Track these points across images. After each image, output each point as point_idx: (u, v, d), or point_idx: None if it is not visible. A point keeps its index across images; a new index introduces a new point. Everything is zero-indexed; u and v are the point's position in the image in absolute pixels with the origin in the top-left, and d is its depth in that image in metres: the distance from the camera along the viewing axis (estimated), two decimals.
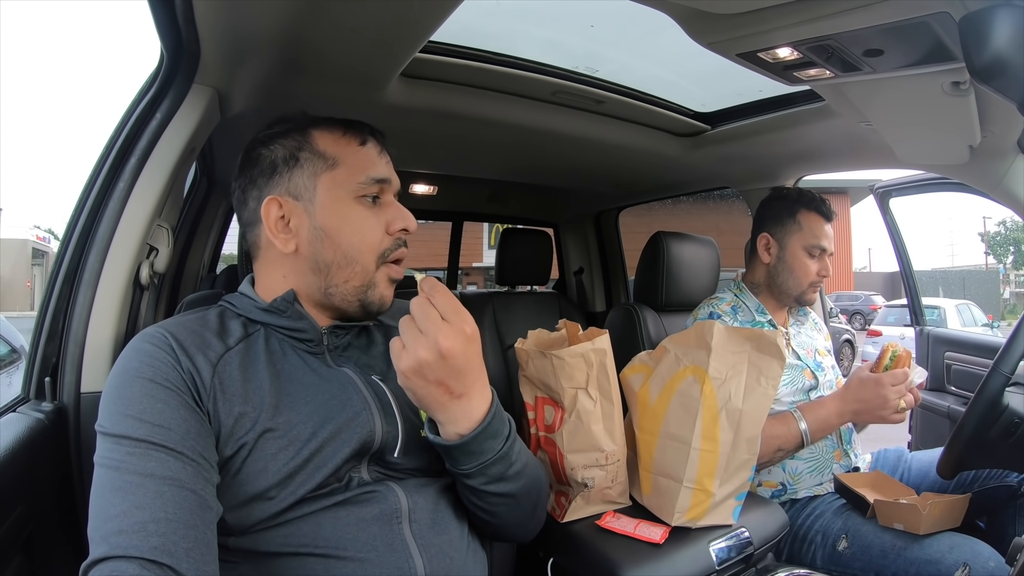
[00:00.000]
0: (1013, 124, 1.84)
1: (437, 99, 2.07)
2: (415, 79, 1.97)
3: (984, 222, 48.29)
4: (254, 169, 1.29)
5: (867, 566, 1.93)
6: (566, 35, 2.02)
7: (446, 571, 1.19)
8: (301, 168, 1.27)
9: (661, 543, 1.65)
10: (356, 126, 1.33)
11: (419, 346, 1.09)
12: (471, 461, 1.20)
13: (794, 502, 2.21)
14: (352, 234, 1.27)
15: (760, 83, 1.73)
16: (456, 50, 1.94)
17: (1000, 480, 2.15)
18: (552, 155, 2.85)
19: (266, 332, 1.27)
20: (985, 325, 16.22)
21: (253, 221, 1.30)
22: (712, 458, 1.72)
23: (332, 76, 1.75)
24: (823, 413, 2.07)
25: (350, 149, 1.30)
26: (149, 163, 1.48)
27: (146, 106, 1.50)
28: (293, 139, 1.29)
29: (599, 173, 3.30)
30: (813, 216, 2.36)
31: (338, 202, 1.27)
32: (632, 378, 1.95)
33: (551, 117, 2.35)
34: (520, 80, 2.09)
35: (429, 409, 1.17)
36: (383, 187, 1.32)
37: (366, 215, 1.29)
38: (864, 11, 1.26)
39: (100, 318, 1.42)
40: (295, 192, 1.26)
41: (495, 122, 2.28)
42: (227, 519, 1.07)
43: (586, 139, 2.58)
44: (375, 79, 1.81)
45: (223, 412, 1.12)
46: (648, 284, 2.76)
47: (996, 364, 1.71)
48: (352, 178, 1.28)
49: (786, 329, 2.41)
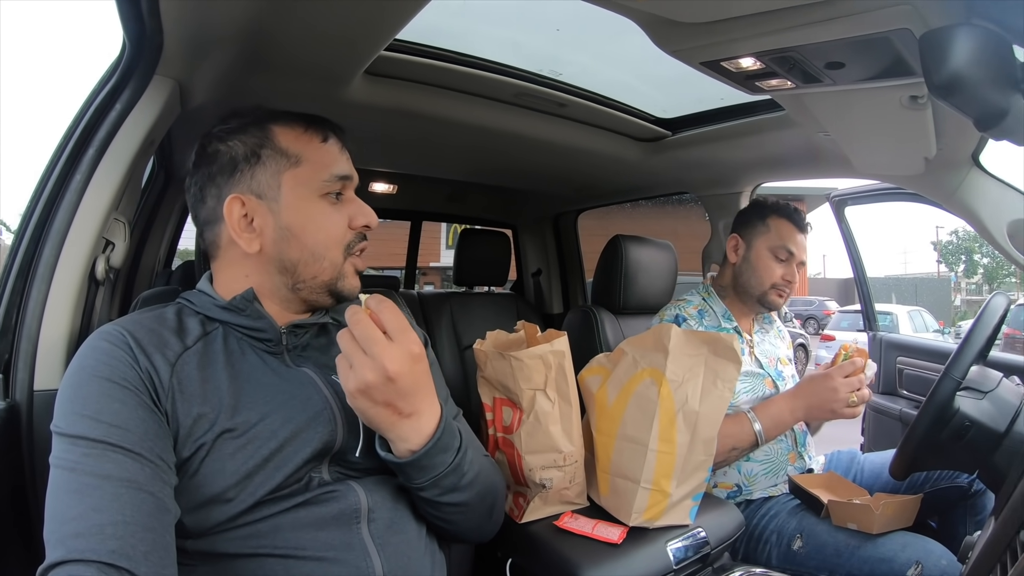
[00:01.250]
0: (968, 137, 1.88)
1: (400, 98, 2.05)
2: (379, 77, 1.96)
3: (937, 231, 49.25)
4: (212, 166, 1.26)
5: (821, 565, 1.96)
6: (531, 38, 2.02)
7: (404, 570, 1.19)
8: (264, 166, 1.24)
9: (619, 543, 1.66)
10: (317, 122, 1.31)
11: (365, 369, 1.08)
12: (424, 476, 1.20)
13: (749, 503, 2.23)
14: (317, 231, 1.26)
15: (721, 91, 1.75)
16: (421, 49, 1.93)
17: (951, 481, 2.21)
18: (513, 157, 2.85)
19: (225, 331, 1.24)
20: (936, 331, 16.49)
21: (212, 219, 1.27)
22: (669, 459, 1.74)
23: (295, 72, 1.72)
24: (776, 411, 2.10)
25: (312, 146, 1.28)
26: (107, 155, 1.45)
27: (106, 96, 1.47)
28: (253, 135, 1.26)
29: (559, 176, 3.31)
30: (783, 222, 2.39)
31: (303, 200, 1.25)
32: (590, 380, 1.96)
33: (513, 119, 2.35)
34: (483, 81, 2.09)
35: (379, 429, 1.16)
36: (345, 184, 1.31)
37: (330, 212, 1.27)
38: (827, 25, 1.28)
39: (54, 314, 1.39)
40: (258, 191, 1.24)
41: (457, 122, 2.28)
42: (184, 521, 1.05)
43: (547, 142, 2.58)
44: (339, 76, 1.79)
45: (181, 413, 1.10)
46: (606, 287, 2.77)
47: (947, 369, 1.75)
48: (316, 176, 1.26)
49: (750, 336, 2.44)
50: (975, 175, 2.07)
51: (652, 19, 1.43)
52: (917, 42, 1.13)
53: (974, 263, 48.28)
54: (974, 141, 1.92)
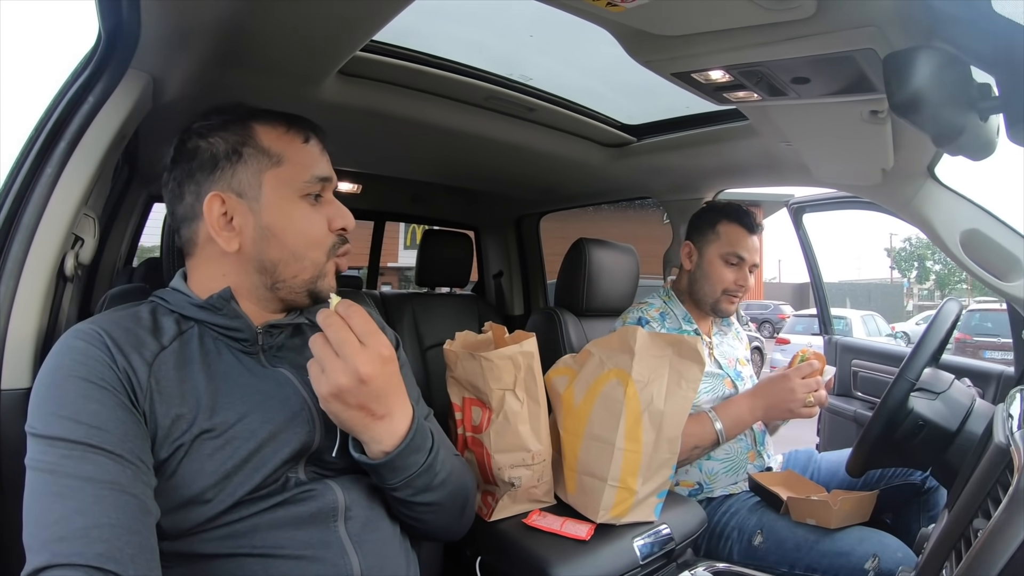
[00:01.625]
0: (924, 151, 1.94)
1: (371, 98, 2.05)
2: (351, 77, 1.95)
3: (890, 238, 49.96)
4: (191, 162, 1.23)
5: (782, 559, 2.01)
6: (503, 43, 2.04)
7: (380, 568, 1.20)
8: (245, 164, 1.22)
9: (587, 540, 1.70)
10: (299, 122, 1.30)
11: (338, 372, 1.09)
12: (397, 476, 1.21)
13: (711, 500, 2.27)
14: (298, 232, 1.25)
15: (687, 99, 1.77)
16: (393, 50, 1.93)
17: (905, 478, 2.28)
18: (480, 159, 2.86)
19: (200, 330, 1.22)
20: (889, 335, 16.76)
21: (190, 217, 1.25)
22: (635, 457, 1.77)
23: (270, 69, 1.70)
24: (736, 411, 2.15)
25: (294, 146, 1.27)
26: (79, 149, 1.41)
27: (79, 89, 1.44)
28: (234, 132, 1.24)
29: (524, 179, 3.31)
30: (733, 227, 2.42)
31: (284, 201, 1.24)
32: (557, 380, 1.99)
33: (482, 122, 2.35)
34: (454, 84, 2.09)
35: (352, 431, 1.17)
36: (325, 185, 1.30)
37: (310, 213, 1.27)
38: (796, 42, 1.31)
39: (22, 311, 1.35)
40: (239, 189, 1.22)
41: (426, 124, 2.27)
42: (161, 523, 1.03)
43: (515, 145, 2.59)
44: (312, 75, 1.78)
45: (160, 413, 1.08)
46: (569, 289, 2.79)
47: (902, 371, 1.80)
48: (298, 177, 1.25)
49: (710, 338, 2.48)
50: (930, 186, 2.13)
51: (626, 30, 1.45)
52: (881, 61, 1.17)
53: (926, 269, 49.08)
54: (930, 154, 1.97)
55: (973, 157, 1.23)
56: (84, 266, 1.58)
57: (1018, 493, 0.91)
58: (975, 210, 2.08)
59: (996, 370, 2.60)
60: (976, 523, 1.07)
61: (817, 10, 1.19)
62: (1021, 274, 2.01)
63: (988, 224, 2.06)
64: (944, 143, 1.15)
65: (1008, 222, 2.05)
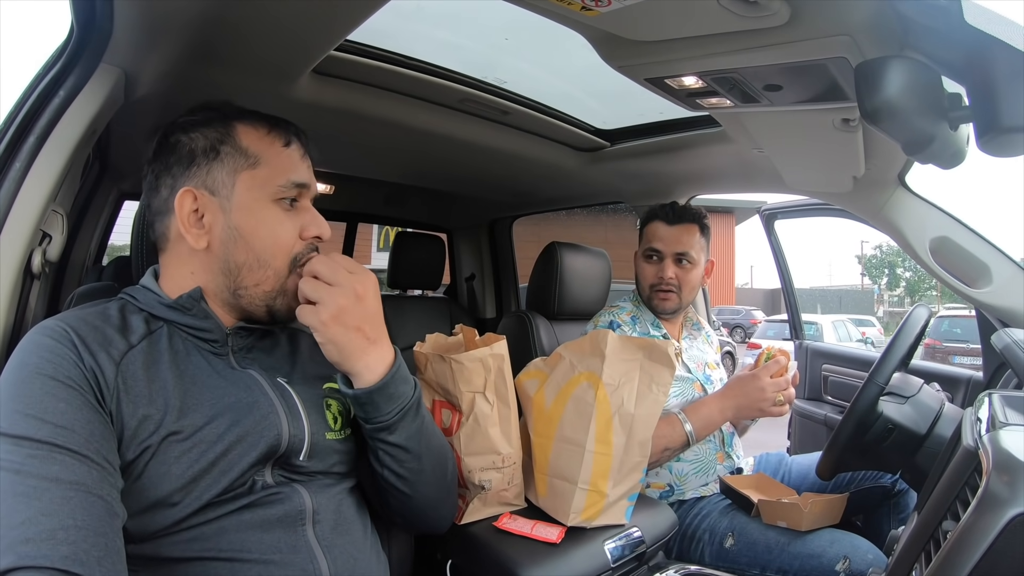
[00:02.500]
0: (895, 159, 1.96)
1: (346, 98, 2.04)
2: (326, 76, 1.94)
3: (862, 245, 50.67)
4: (171, 156, 1.23)
5: (753, 561, 2.02)
6: (478, 45, 2.04)
7: (350, 571, 1.20)
8: (221, 162, 1.22)
9: (558, 543, 1.69)
10: (282, 125, 1.30)
11: (336, 295, 1.17)
12: (392, 405, 1.24)
13: (682, 503, 2.28)
14: (266, 236, 1.24)
15: (661, 105, 1.78)
16: (369, 50, 1.92)
17: (875, 481, 2.30)
18: (454, 162, 2.86)
19: (169, 330, 1.21)
20: (859, 340, 16.92)
21: (164, 211, 1.24)
22: (606, 460, 1.77)
23: (244, 66, 1.69)
24: (706, 412, 2.15)
25: (274, 149, 1.26)
26: (48, 144, 1.39)
27: (49, 82, 1.42)
28: (215, 130, 1.24)
29: (498, 182, 3.32)
30: (653, 223, 2.46)
31: (255, 202, 1.23)
32: (527, 383, 1.98)
33: (457, 124, 2.36)
34: (429, 85, 2.09)
35: (350, 358, 1.21)
36: (302, 191, 1.29)
37: (282, 218, 1.26)
38: (769, 50, 1.32)
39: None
40: (212, 187, 1.21)
41: (401, 125, 2.27)
42: (128, 526, 1.01)
43: (489, 148, 2.59)
44: (287, 73, 1.77)
45: (127, 414, 1.06)
46: (541, 293, 2.79)
47: (871, 375, 1.82)
48: (273, 180, 1.24)
49: (679, 343, 2.49)
50: (901, 194, 2.15)
51: (601, 35, 1.45)
52: (853, 70, 1.19)
53: (897, 276, 49.78)
54: (901, 162, 2.00)
55: (943, 165, 1.25)
56: (52, 263, 1.55)
57: (986, 495, 0.92)
58: (945, 218, 2.12)
59: (965, 375, 2.63)
60: (945, 525, 1.08)
61: (791, 18, 1.20)
62: (990, 281, 2.04)
63: (957, 232, 2.09)
64: (915, 151, 1.16)
65: (977, 230, 2.08)
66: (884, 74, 1.04)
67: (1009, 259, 2.05)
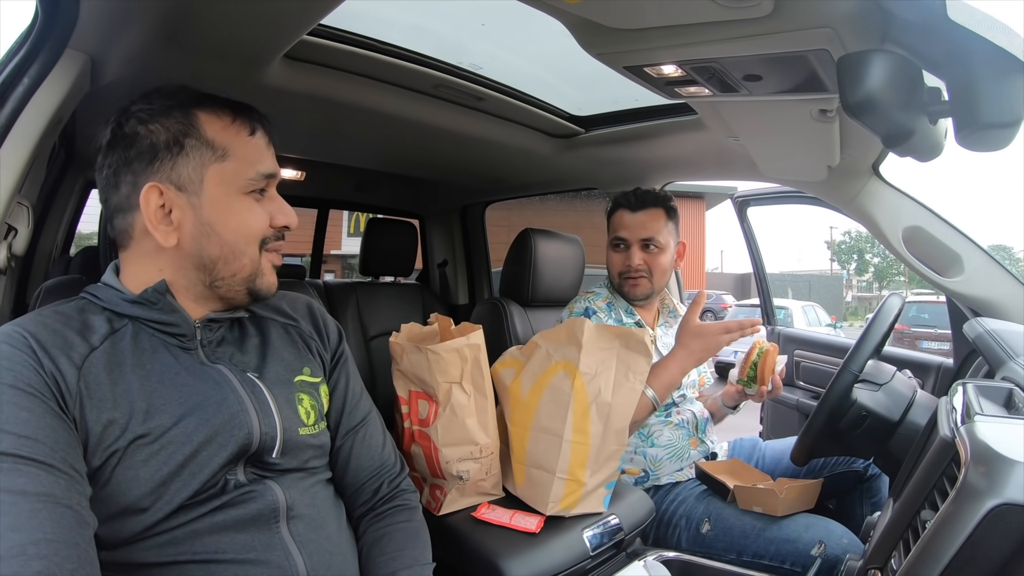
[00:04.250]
0: (869, 149, 1.98)
1: (318, 84, 2.01)
2: (297, 61, 1.90)
3: (831, 231, 51.28)
4: (129, 150, 1.16)
5: (729, 546, 2.04)
6: (454, 30, 2.02)
7: (327, 567, 1.19)
8: (187, 156, 1.16)
9: (537, 532, 1.70)
10: (245, 112, 1.24)
11: None
12: None
13: (657, 488, 2.30)
14: (239, 228, 1.21)
15: (636, 92, 1.77)
16: (341, 35, 1.89)
17: (848, 466, 2.35)
18: (427, 147, 2.84)
19: (134, 327, 1.17)
20: (829, 325, 17.10)
21: (125, 207, 1.18)
22: (583, 449, 1.78)
23: (213, 51, 1.65)
24: (666, 376, 2.08)
25: (240, 139, 1.21)
26: (12, 133, 1.34)
27: (13, 70, 1.37)
28: (176, 120, 1.17)
29: (471, 168, 3.31)
30: (617, 212, 2.46)
31: (226, 197, 1.19)
32: (503, 372, 1.98)
33: (430, 110, 2.34)
34: (403, 71, 2.07)
35: None
36: (270, 181, 1.26)
37: (253, 208, 1.23)
38: (751, 40, 1.32)
39: None
40: (179, 182, 1.16)
41: (374, 111, 2.24)
42: (99, 533, 0.99)
43: (463, 134, 2.58)
44: (258, 59, 1.73)
45: (91, 419, 1.03)
46: (515, 279, 2.80)
47: (846, 363, 1.84)
48: (242, 173, 1.20)
49: (653, 330, 2.51)
50: (874, 183, 2.18)
51: (580, 22, 1.44)
52: (834, 62, 1.19)
53: (865, 262, 50.46)
54: (875, 152, 2.02)
55: (921, 158, 1.26)
56: (18, 257, 1.52)
57: (965, 486, 0.94)
58: (917, 207, 2.14)
59: (935, 362, 2.67)
60: (924, 514, 1.10)
61: (774, 9, 1.20)
62: (961, 270, 2.07)
63: (930, 221, 2.12)
64: (894, 144, 1.17)
65: (949, 220, 2.10)
66: (866, 68, 1.04)
67: (980, 249, 2.08)
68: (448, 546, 1.73)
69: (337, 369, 1.47)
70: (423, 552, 1.38)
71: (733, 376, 2.29)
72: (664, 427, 2.36)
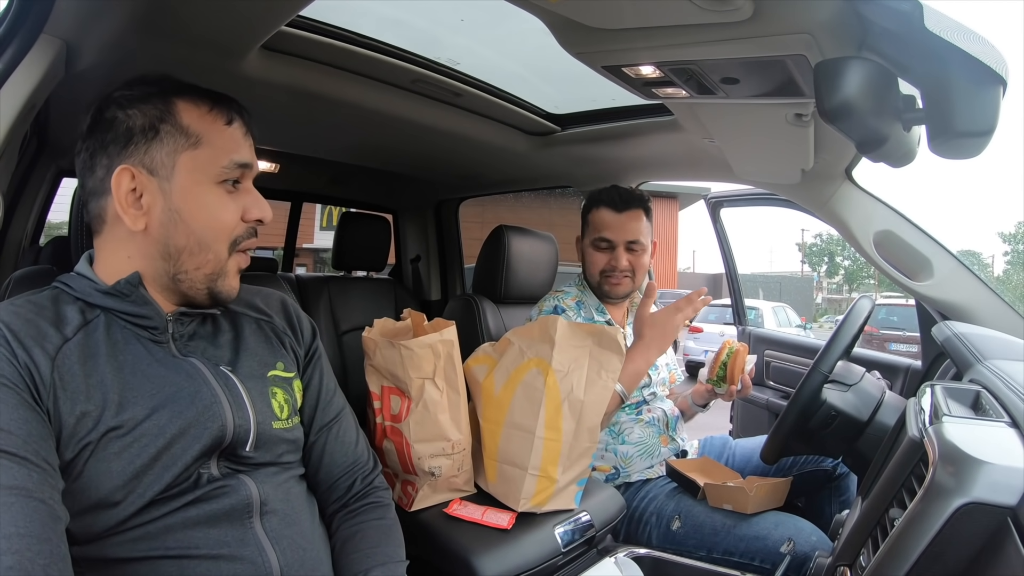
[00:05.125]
0: (843, 154, 2.01)
1: (295, 76, 1.99)
2: (275, 53, 1.89)
3: (802, 233, 51.85)
4: (107, 133, 1.15)
5: (700, 543, 2.06)
6: (433, 25, 2.02)
7: (300, 563, 1.18)
8: (161, 142, 1.15)
9: (508, 528, 1.71)
10: (224, 102, 1.23)
11: None
12: None
13: (628, 485, 2.31)
14: (208, 219, 1.19)
15: (614, 91, 1.78)
16: (319, 27, 1.88)
17: (817, 465, 2.38)
18: (402, 142, 2.83)
19: (107, 319, 1.15)
20: (799, 326, 17.23)
21: (99, 191, 1.17)
22: (555, 446, 1.79)
23: (189, 40, 1.63)
24: (631, 367, 2.09)
25: (216, 128, 1.20)
26: None
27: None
28: (154, 106, 1.16)
29: (446, 163, 3.31)
30: (601, 211, 2.44)
31: (197, 185, 1.18)
32: (476, 369, 1.98)
33: (407, 105, 2.33)
34: (381, 65, 2.06)
35: None
36: (244, 172, 1.24)
37: (224, 200, 1.21)
38: (729, 44, 1.33)
39: None
40: (151, 166, 1.15)
41: (350, 105, 2.23)
42: (71, 527, 0.97)
43: (439, 130, 2.57)
44: (235, 49, 1.71)
45: (64, 411, 1.02)
46: (488, 276, 2.79)
47: (816, 364, 1.86)
48: (215, 161, 1.19)
49: (624, 329, 2.52)
50: (847, 188, 2.20)
51: (560, 21, 1.45)
52: (811, 68, 1.21)
53: (836, 264, 51.06)
54: (848, 157, 2.05)
55: (894, 164, 1.28)
56: None
57: (933, 485, 0.95)
58: (889, 212, 2.17)
59: (904, 363, 2.70)
60: (892, 512, 1.11)
61: (753, 13, 1.21)
62: (931, 275, 2.10)
63: (901, 226, 2.15)
64: (868, 150, 1.19)
65: (920, 225, 2.13)
66: (843, 74, 1.05)
67: (950, 254, 2.11)
68: (420, 542, 1.73)
69: (311, 365, 1.46)
70: (396, 549, 1.37)
71: (703, 375, 2.32)
72: (635, 425, 2.37)
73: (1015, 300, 2.08)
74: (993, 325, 1.92)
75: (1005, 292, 2.08)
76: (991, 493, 0.89)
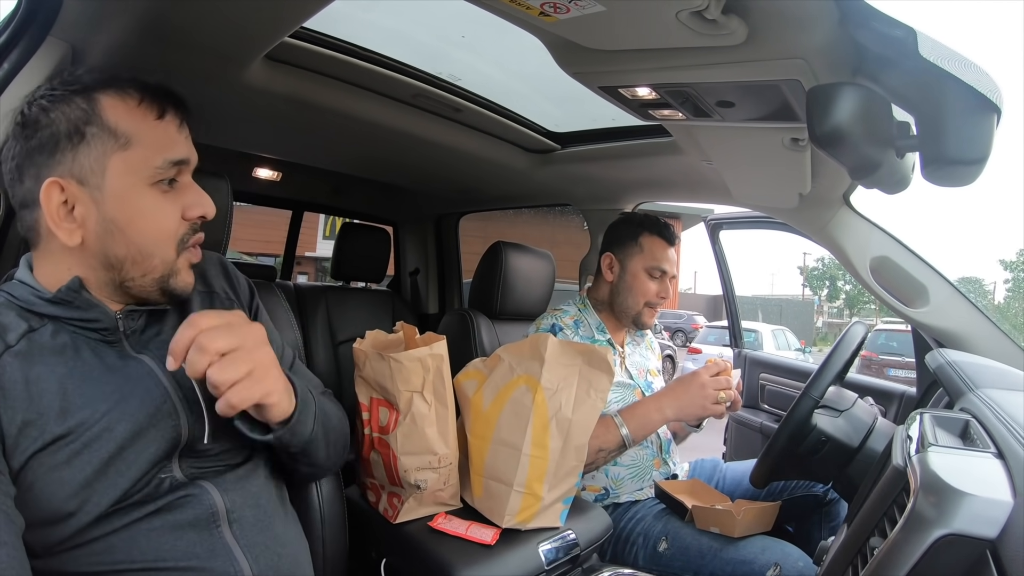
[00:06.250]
0: (840, 179, 2.00)
1: (297, 86, 1.99)
2: (278, 63, 1.89)
3: (804, 257, 51.90)
4: (31, 140, 1.08)
5: (686, 566, 2.04)
6: (436, 40, 2.03)
7: (275, 569, 1.16)
8: (88, 146, 1.07)
9: (492, 544, 1.70)
10: (154, 93, 1.15)
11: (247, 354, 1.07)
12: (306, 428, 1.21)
13: (617, 506, 2.29)
14: (146, 227, 1.13)
15: (613, 111, 1.77)
16: (323, 39, 1.89)
17: (807, 490, 2.35)
18: (403, 156, 2.84)
19: (55, 326, 1.10)
20: (798, 350, 17.22)
21: (30, 203, 1.10)
22: (542, 464, 1.78)
23: (195, 48, 1.62)
24: (642, 412, 2.13)
25: (146, 124, 1.12)
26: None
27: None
28: (78, 107, 1.08)
29: (447, 178, 3.31)
30: (655, 240, 2.44)
31: (131, 190, 1.11)
32: (466, 384, 1.98)
33: (408, 119, 2.34)
34: (383, 79, 2.07)
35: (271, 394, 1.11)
36: (181, 168, 1.17)
37: (161, 203, 1.14)
38: (724, 67, 1.33)
39: None
40: (80, 176, 1.08)
41: (352, 117, 2.23)
42: (27, 539, 0.95)
43: (439, 144, 2.58)
44: (238, 57, 1.71)
45: (5, 420, 0.99)
46: (485, 292, 2.78)
47: (807, 389, 1.86)
48: (148, 162, 1.12)
49: (623, 348, 2.50)
50: (844, 213, 2.20)
51: (558, 41, 1.45)
52: (805, 93, 1.21)
53: (837, 289, 51.05)
54: (846, 183, 2.04)
55: (888, 191, 1.28)
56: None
57: (913, 515, 0.95)
58: (886, 238, 2.17)
59: (899, 390, 2.69)
60: (873, 541, 1.11)
61: (748, 38, 1.21)
62: (927, 302, 2.10)
63: (898, 252, 2.15)
64: (861, 176, 1.18)
65: (917, 252, 2.13)
66: (836, 99, 1.05)
67: (947, 281, 2.11)
68: (404, 554, 1.73)
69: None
70: None
71: None
72: None
73: (1012, 329, 2.08)
74: (988, 353, 1.91)
75: (1003, 321, 2.07)
76: (971, 525, 0.89)
